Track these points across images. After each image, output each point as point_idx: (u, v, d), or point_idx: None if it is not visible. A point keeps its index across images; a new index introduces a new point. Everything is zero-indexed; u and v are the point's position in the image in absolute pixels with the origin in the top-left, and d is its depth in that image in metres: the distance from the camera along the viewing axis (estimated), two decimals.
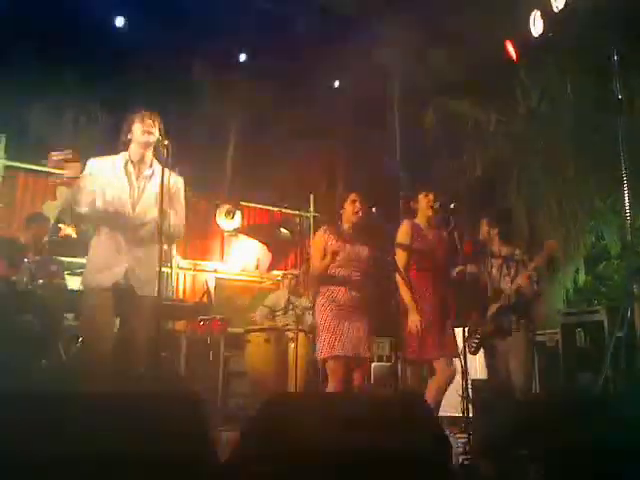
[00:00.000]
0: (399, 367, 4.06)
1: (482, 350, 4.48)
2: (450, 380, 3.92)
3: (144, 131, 3.30)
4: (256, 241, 9.07)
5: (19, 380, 4.21)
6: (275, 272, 8.47)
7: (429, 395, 3.84)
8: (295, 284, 6.58)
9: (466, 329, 4.19)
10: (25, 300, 4.75)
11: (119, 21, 10.16)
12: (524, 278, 4.27)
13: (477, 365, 5.54)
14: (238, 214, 8.92)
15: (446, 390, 3.92)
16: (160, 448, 1.90)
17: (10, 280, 4.85)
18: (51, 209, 7.54)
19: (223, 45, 10.91)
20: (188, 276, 8.28)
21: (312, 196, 9.71)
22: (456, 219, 4.22)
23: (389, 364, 6.95)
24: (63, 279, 5.22)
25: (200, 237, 8.79)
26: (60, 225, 7.42)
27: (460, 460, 3.22)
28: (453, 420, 4.91)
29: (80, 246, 5.06)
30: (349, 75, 11.23)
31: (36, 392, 2.18)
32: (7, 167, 7.43)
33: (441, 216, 4.23)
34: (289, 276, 6.68)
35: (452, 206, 4.16)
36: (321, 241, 4.01)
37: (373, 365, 6.34)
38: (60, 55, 10.04)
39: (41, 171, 7.87)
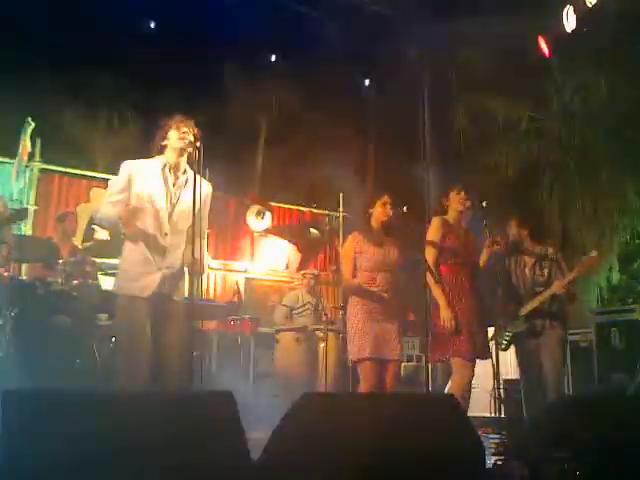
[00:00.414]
0: (429, 367, 4.04)
1: (514, 349, 4.43)
2: (469, 381, 3.87)
3: (180, 138, 3.29)
4: (286, 241, 9.10)
5: (54, 380, 4.29)
6: (300, 275, 8.50)
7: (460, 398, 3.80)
8: (314, 284, 6.57)
9: (497, 327, 4.15)
10: (60, 301, 4.83)
11: (150, 24, 10.30)
12: (560, 287, 4.23)
13: (509, 364, 5.48)
14: (268, 214, 8.96)
15: (468, 392, 3.87)
16: (193, 448, 1.91)
17: (46, 281, 4.94)
18: (85, 211, 7.68)
19: (254, 46, 10.98)
20: (219, 276, 8.35)
21: (341, 196, 9.69)
22: (487, 218, 4.19)
23: (419, 364, 6.92)
24: (97, 280, 5.29)
25: (230, 238, 8.86)
26: (94, 227, 7.56)
27: (493, 461, 3.19)
28: (485, 420, 4.87)
29: (113, 248, 5.14)
30: (379, 74, 11.20)
31: (71, 391, 2.21)
32: (42, 170, 7.57)
33: (472, 214, 4.20)
34: (308, 275, 6.67)
35: (483, 204, 4.13)
36: (350, 251, 4.01)
37: (403, 365, 6.31)
38: (93, 59, 10.23)
39: (75, 174, 8.02)
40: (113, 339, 4.82)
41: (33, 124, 6.80)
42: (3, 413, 1.71)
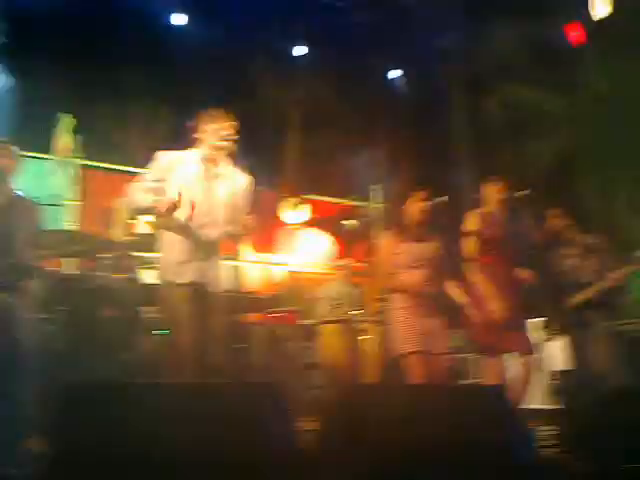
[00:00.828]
0: (473, 360, 4.01)
1: (565, 341, 4.36)
2: (528, 375, 3.82)
3: (217, 131, 3.31)
4: (322, 233, 9.10)
5: (101, 372, 4.37)
6: (341, 263, 8.48)
7: (510, 391, 3.76)
8: (350, 274, 6.55)
9: (545, 319, 4.08)
10: (104, 294, 4.92)
11: (180, 18, 10.37)
12: (611, 281, 4.14)
13: (560, 356, 5.38)
14: (305, 207, 8.98)
15: (527, 385, 3.82)
16: (240, 441, 1.93)
17: (90, 275, 5.03)
18: (124, 205, 7.80)
19: (285, 37, 10.98)
20: (258, 270, 8.40)
21: (378, 187, 9.65)
22: (526, 208, 4.11)
23: (464, 356, 6.86)
24: (139, 273, 5.37)
25: (268, 231, 8.90)
26: (133, 221, 7.68)
27: (544, 454, 3.15)
28: (537, 412, 4.80)
29: (153, 241, 5.21)
30: (412, 64, 11.10)
31: (118, 384, 2.25)
32: (82, 166, 7.71)
33: (510, 205, 4.12)
34: (342, 265, 6.65)
35: (522, 194, 4.05)
36: (386, 251, 3.97)
37: (448, 358, 6.25)
38: (128, 55, 10.36)
39: (114, 169, 8.16)
40: (157, 332, 4.89)
41: (73, 120, 6.94)
42: (62, 406, 1.76)
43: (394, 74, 12.27)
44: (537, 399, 4.43)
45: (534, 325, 4.09)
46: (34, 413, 3.47)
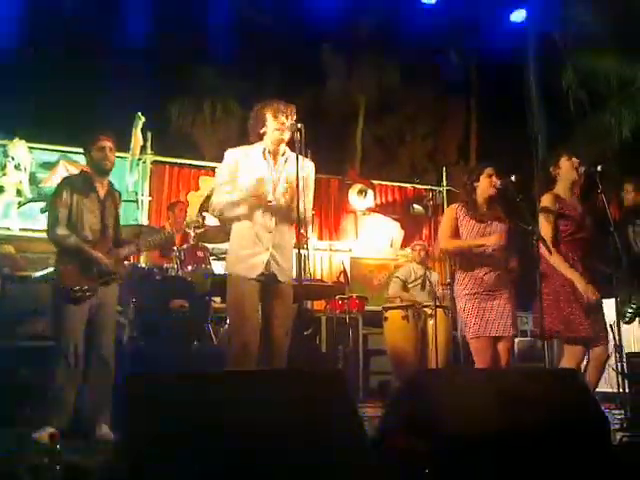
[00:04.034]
0: (545, 343, 3.89)
1: (637, 321, 4.16)
2: (604, 362, 3.67)
3: (278, 123, 3.34)
4: (389, 218, 9.04)
5: (173, 363, 4.51)
6: (408, 249, 8.40)
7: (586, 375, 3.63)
8: (425, 256, 6.44)
9: (618, 299, 3.89)
10: (176, 286, 5.07)
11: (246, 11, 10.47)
12: None
13: (632, 338, 5.17)
14: (370, 193, 8.93)
15: (602, 372, 3.67)
16: (305, 426, 1.94)
17: (162, 268, 5.19)
18: (195, 199, 8.00)
19: (350, 26, 10.91)
20: (325, 257, 8.44)
21: (444, 169, 9.49)
22: (603, 184, 3.92)
23: (532, 340, 6.69)
24: (209, 264, 5.49)
25: (334, 218, 8.92)
26: (204, 214, 7.86)
27: (618, 437, 3.04)
28: (608, 396, 4.64)
29: (223, 233, 5.32)
30: (481, 40, 10.80)
31: (191, 374, 2.30)
32: (154, 162, 7.93)
33: (586, 181, 3.94)
34: (417, 247, 6.55)
35: (599, 169, 3.86)
36: (451, 216, 3.89)
37: (517, 341, 6.11)
38: (194, 51, 10.58)
39: (184, 164, 8.36)
40: (227, 322, 5.00)
41: (143, 118, 7.15)
42: (129, 396, 1.82)
43: (462, 52, 12.02)
44: (608, 382, 4.26)
45: (608, 306, 3.90)
46: (107, 402, 3.64)
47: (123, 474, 1.74)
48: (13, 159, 7.15)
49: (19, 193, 7.20)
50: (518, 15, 9.74)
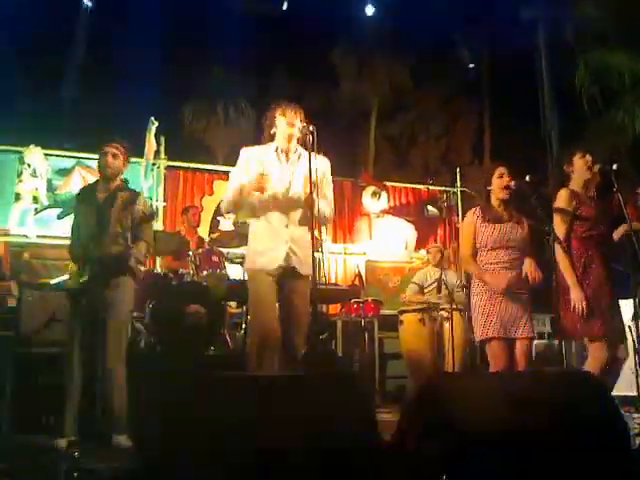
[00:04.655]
0: (563, 345, 3.85)
1: None
2: (618, 364, 3.64)
3: (287, 124, 3.40)
4: (403, 220, 9.01)
5: (190, 366, 4.52)
6: (423, 251, 8.36)
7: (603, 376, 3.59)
8: (440, 258, 6.42)
9: (637, 299, 3.85)
10: (192, 290, 5.08)
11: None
12: None
13: None
14: (384, 195, 8.91)
15: (619, 371, 3.64)
16: (321, 430, 1.94)
17: (178, 272, 5.21)
18: (210, 203, 8.03)
19: (363, 26, 10.90)
20: (339, 260, 8.43)
21: (458, 170, 9.44)
22: (619, 182, 3.87)
23: (550, 342, 6.63)
24: (225, 269, 5.51)
25: (348, 221, 8.91)
26: (219, 218, 7.89)
27: (637, 442, 3.00)
28: (628, 399, 4.59)
29: (237, 238, 5.35)
30: (492, 40, 10.76)
31: (207, 377, 2.31)
32: (168, 167, 7.96)
33: (601, 179, 3.90)
34: (433, 250, 6.52)
35: (614, 167, 3.81)
36: (470, 225, 3.87)
37: (535, 343, 6.07)
38: (206, 54, 10.63)
39: (198, 168, 8.39)
40: (244, 326, 5.02)
41: (157, 123, 7.18)
42: (148, 401, 1.83)
43: (474, 52, 11.96)
44: (627, 385, 4.21)
45: (626, 307, 3.86)
46: (123, 410, 3.65)
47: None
48: (29, 166, 7.22)
49: (35, 200, 7.26)
50: (529, 13, 9.69)
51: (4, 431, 4.01)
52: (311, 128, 3.26)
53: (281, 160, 3.45)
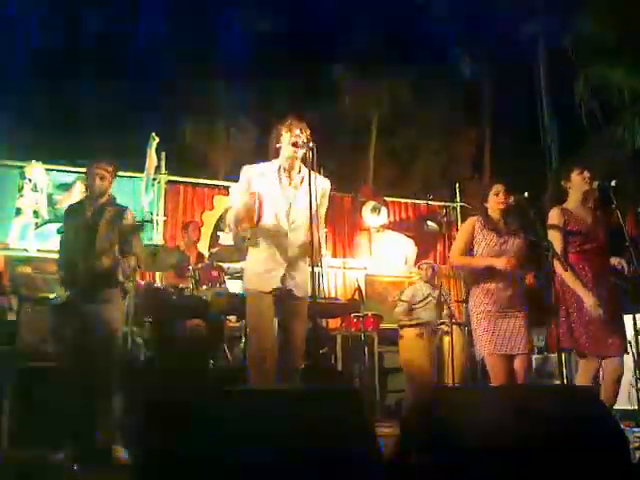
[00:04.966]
0: (562, 359, 3.84)
1: None
2: (620, 377, 3.63)
3: (293, 140, 3.36)
4: (403, 235, 9.02)
5: (189, 380, 4.51)
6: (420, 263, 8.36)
7: (602, 391, 3.59)
8: (431, 274, 6.43)
9: (637, 315, 3.85)
10: (192, 305, 5.09)
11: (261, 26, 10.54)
12: None
13: None
14: (384, 210, 8.92)
15: (617, 388, 3.63)
16: (321, 445, 1.94)
17: (178, 287, 5.22)
18: (210, 218, 8.05)
19: (362, 41, 10.99)
20: (339, 275, 8.43)
21: (458, 186, 9.47)
22: (618, 198, 3.89)
23: (548, 355, 6.61)
24: (224, 283, 5.52)
25: (348, 236, 8.92)
26: (219, 233, 7.90)
27: (638, 456, 2.99)
28: (626, 413, 4.57)
29: (237, 253, 5.35)
30: (491, 56, 10.84)
31: (206, 392, 2.31)
32: (168, 182, 7.98)
33: (600, 194, 3.92)
34: (424, 266, 6.54)
35: (613, 184, 3.83)
36: (469, 229, 3.90)
37: (534, 357, 6.06)
38: (207, 70, 10.70)
39: (199, 183, 8.41)
40: (243, 340, 5.01)
41: (158, 139, 7.22)
42: (146, 422, 1.83)
43: (473, 68, 12.04)
44: (626, 399, 4.20)
45: (626, 322, 3.85)
46: (122, 423, 3.64)
47: None
48: (30, 181, 7.26)
49: (36, 214, 7.28)
50: (530, 28, 9.78)
51: (3, 446, 3.99)
52: (311, 145, 3.26)
53: (282, 181, 3.43)
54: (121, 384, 3.72)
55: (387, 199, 9.23)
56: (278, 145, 3.45)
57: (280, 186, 3.42)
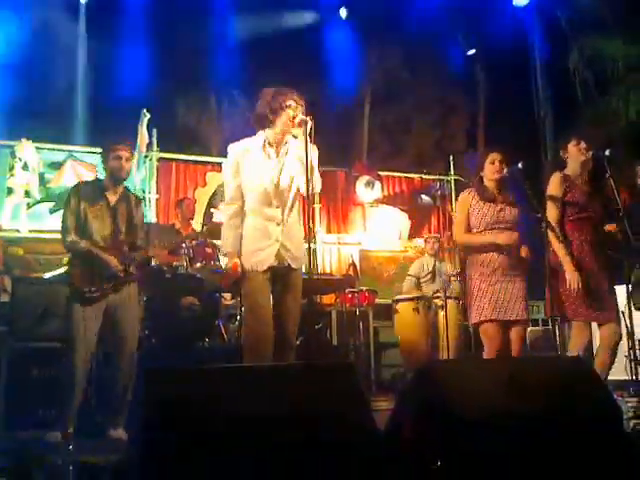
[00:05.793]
0: (557, 331, 3.86)
1: None
2: (615, 345, 3.66)
3: (292, 113, 3.27)
4: (397, 210, 9.01)
5: (185, 358, 4.52)
6: (417, 240, 8.36)
7: (596, 363, 3.62)
8: (438, 248, 6.42)
9: (630, 285, 3.86)
10: (186, 283, 5.07)
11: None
12: None
13: None
14: (377, 184, 8.89)
15: (613, 355, 3.66)
16: (319, 421, 1.94)
17: (172, 265, 5.19)
18: (203, 195, 8.01)
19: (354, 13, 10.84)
20: (333, 250, 8.42)
21: (452, 158, 9.43)
22: (611, 168, 3.89)
23: (545, 327, 6.66)
24: (218, 261, 5.49)
25: (342, 211, 8.90)
26: (212, 210, 7.87)
27: (631, 425, 3.02)
28: (621, 384, 4.61)
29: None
30: (484, 27, 10.72)
31: (203, 369, 2.31)
32: (161, 159, 7.92)
33: (595, 164, 3.92)
34: (431, 240, 6.52)
35: (607, 153, 3.83)
36: (465, 203, 3.89)
37: (529, 330, 6.10)
38: (198, 47, 10.55)
39: (191, 160, 8.35)
40: (237, 317, 5.01)
41: (149, 115, 7.14)
42: (146, 390, 1.83)
43: (467, 39, 11.92)
44: (620, 369, 4.23)
45: (619, 292, 3.87)
46: (125, 406, 3.66)
47: (136, 472, 1.76)
48: (21, 160, 7.19)
49: (27, 194, 7.23)
50: None
51: None
52: (308, 119, 3.18)
53: (270, 156, 3.36)
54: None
55: (381, 173, 9.19)
56: (272, 117, 3.31)
57: (267, 160, 3.35)
